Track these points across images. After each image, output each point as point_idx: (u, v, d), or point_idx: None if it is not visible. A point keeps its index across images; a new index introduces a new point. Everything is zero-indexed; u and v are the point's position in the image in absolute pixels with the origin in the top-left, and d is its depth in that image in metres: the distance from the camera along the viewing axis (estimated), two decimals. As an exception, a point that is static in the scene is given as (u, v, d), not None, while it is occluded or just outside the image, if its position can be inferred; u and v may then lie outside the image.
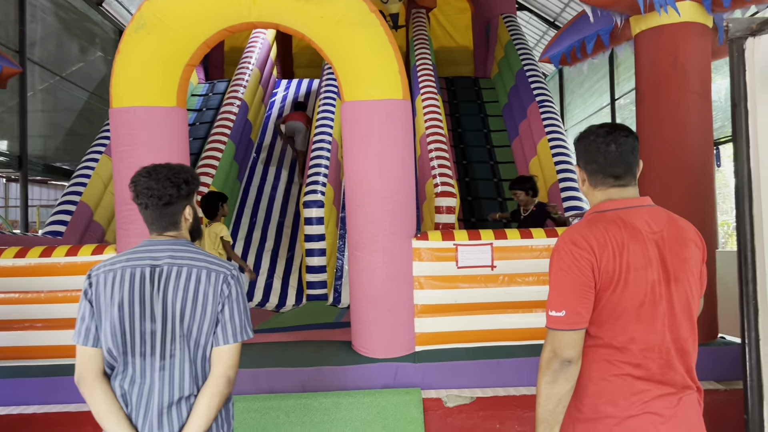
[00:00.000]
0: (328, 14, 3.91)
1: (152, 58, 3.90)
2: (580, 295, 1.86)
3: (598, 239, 1.88)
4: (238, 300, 2.06)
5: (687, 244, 1.96)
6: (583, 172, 2.06)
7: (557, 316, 1.87)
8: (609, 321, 1.89)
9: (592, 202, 2.05)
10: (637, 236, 1.90)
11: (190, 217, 2.17)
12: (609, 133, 1.99)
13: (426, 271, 4.17)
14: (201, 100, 10.57)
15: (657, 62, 4.20)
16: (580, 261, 1.86)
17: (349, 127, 4.10)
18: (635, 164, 2.02)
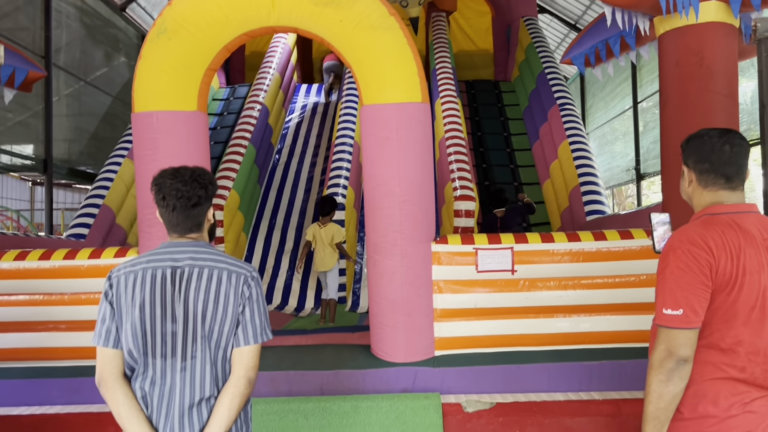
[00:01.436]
0: (347, 18, 3.91)
1: (174, 63, 3.94)
2: (698, 294, 1.88)
3: (716, 241, 1.90)
4: (258, 301, 2.06)
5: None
6: (692, 173, 2.07)
7: (674, 315, 1.88)
8: (719, 323, 1.91)
9: (699, 204, 2.07)
10: (751, 241, 1.92)
11: (212, 218, 2.20)
12: (723, 134, 2.03)
13: (445, 275, 4.14)
14: (222, 105, 10.67)
15: (682, 63, 4.13)
16: (700, 260, 1.88)
17: (368, 130, 4.09)
18: (746, 169, 2.04)
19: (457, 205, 6.78)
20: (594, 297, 4.10)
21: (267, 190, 8.81)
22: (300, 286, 7.23)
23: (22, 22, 8.47)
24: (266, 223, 8.25)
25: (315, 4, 3.92)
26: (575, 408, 3.73)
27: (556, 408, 3.73)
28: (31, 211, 17.01)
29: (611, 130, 14.07)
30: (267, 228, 8.18)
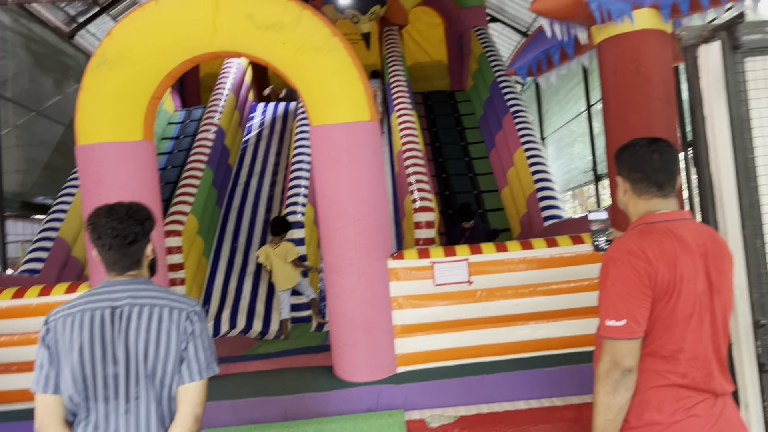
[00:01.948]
0: (290, 41, 3.92)
1: (116, 93, 3.89)
2: (639, 303, 1.91)
3: (653, 250, 1.93)
4: (202, 336, 2.04)
5: (724, 259, 2.04)
6: (626, 182, 2.12)
7: (617, 326, 1.91)
8: (660, 330, 1.94)
9: (635, 213, 2.12)
10: (686, 248, 1.96)
11: (152, 253, 2.17)
12: (652, 143, 2.09)
13: (404, 290, 4.16)
14: (178, 128, 10.55)
15: (620, 70, 4.23)
16: (639, 270, 1.91)
17: (318, 150, 4.09)
18: (677, 175, 2.10)
19: (417, 217, 6.82)
20: (550, 303, 4.16)
21: (227, 212, 8.72)
22: (264, 308, 7.16)
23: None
24: (228, 246, 8.15)
25: (257, 28, 3.91)
26: (538, 415, 3.77)
27: (519, 417, 3.76)
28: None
29: (569, 133, 14.33)
30: (229, 251, 8.09)
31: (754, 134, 2.57)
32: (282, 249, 6.48)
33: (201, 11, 3.87)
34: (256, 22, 3.88)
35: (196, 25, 3.89)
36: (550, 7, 3.96)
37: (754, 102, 2.57)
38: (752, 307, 2.54)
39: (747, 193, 2.55)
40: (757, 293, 2.53)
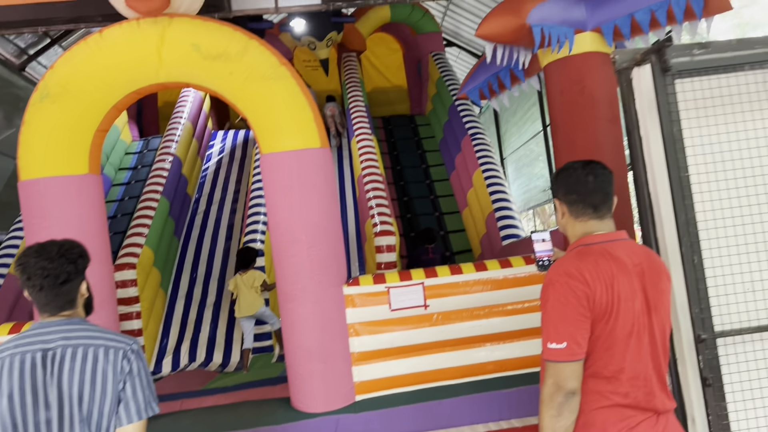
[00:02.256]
0: (237, 70, 3.91)
1: (59, 127, 3.81)
2: (579, 325, 1.92)
3: (591, 272, 1.95)
4: (140, 375, 1.97)
5: (661, 277, 2.07)
6: (563, 205, 2.15)
7: (558, 348, 1.91)
8: (600, 351, 1.95)
9: (573, 234, 2.15)
10: (623, 269, 1.98)
11: (86, 292, 2.11)
12: (586, 165, 2.12)
13: (360, 317, 4.13)
14: (136, 158, 10.39)
15: (565, 92, 4.33)
16: (577, 292, 1.92)
17: (269, 178, 4.07)
18: (611, 196, 2.13)
19: (377, 241, 6.80)
20: (506, 324, 4.18)
21: (186, 242, 8.58)
22: (225, 340, 7.02)
23: None
24: (187, 276, 8.00)
25: (204, 58, 3.89)
26: (496, 438, 3.75)
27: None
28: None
29: (528, 153, 14.55)
30: (188, 281, 7.94)
31: (687, 153, 2.64)
32: (249, 276, 6.41)
33: (146, 43, 3.84)
34: (203, 52, 3.86)
35: (141, 57, 3.86)
36: (495, 32, 4.04)
37: (686, 122, 2.64)
38: (693, 323, 2.58)
39: (683, 210, 2.61)
40: (697, 308, 2.57)
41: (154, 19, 3.86)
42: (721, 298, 2.59)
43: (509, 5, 4.03)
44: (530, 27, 3.91)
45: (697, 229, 2.60)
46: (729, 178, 2.63)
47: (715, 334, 2.56)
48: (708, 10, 3.86)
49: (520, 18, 3.90)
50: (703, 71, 2.67)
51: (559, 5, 4.04)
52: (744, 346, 2.57)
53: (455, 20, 13.98)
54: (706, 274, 2.60)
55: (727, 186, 2.62)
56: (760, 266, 2.59)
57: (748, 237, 2.60)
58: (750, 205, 2.61)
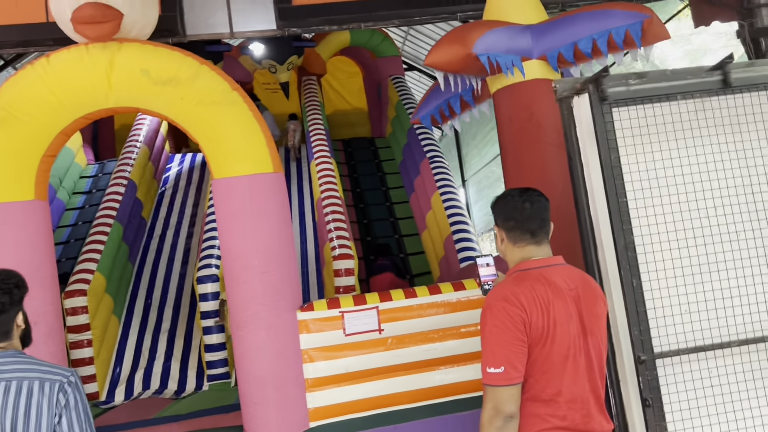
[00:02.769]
0: (187, 95, 3.90)
1: (4, 152, 3.74)
2: (516, 350, 1.95)
3: (527, 296, 1.99)
4: (77, 407, 1.94)
5: (597, 301, 2.13)
6: (502, 231, 2.21)
7: (496, 373, 1.94)
8: (537, 374, 1.99)
9: (512, 260, 2.20)
10: (559, 293, 2.03)
11: (23, 323, 2.07)
12: (523, 193, 2.19)
13: (314, 342, 4.10)
14: (90, 182, 10.20)
15: (514, 118, 4.43)
16: (513, 317, 1.96)
17: (221, 204, 4.04)
18: (548, 222, 2.19)
19: (336, 265, 6.80)
20: (460, 347, 4.20)
21: (141, 267, 8.42)
22: (180, 366, 6.88)
23: None
24: (141, 302, 7.83)
25: (154, 84, 3.87)
26: (451, 462, 3.76)
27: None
28: None
29: (489, 175, 14.75)
30: (143, 308, 7.77)
31: (625, 179, 2.73)
32: None
33: (95, 68, 3.80)
34: (153, 77, 3.84)
35: (90, 82, 3.82)
36: (443, 61, 4.12)
37: (623, 149, 2.74)
38: (633, 344, 2.65)
39: (621, 234, 2.69)
40: (637, 330, 2.64)
41: (103, 44, 3.83)
42: (659, 320, 2.67)
43: (456, 35, 4.13)
44: (476, 56, 4.00)
45: (635, 253, 2.69)
46: (665, 203, 2.73)
47: (655, 355, 2.64)
48: (646, 39, 4.02)
49: (466, 47, 4.00)
50: (638, 100, 2.78)
51: (504, 34, 4.15)
52: (682, 366, 2.65)
53: (415, 44, 14.20)
54: (645, 296, 2.68)
55: (663, 211, 2.73)
56: (695, 288, 2.69)
57: (684, 260, 2.70)
58: (685, 229, 2.71)
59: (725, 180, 2.73)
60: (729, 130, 2.76)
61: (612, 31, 4.05)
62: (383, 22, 5.10)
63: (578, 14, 4.27)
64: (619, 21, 4.05)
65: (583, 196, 2.87)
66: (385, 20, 5.07)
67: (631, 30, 3.99)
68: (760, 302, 2.69)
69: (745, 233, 2.71)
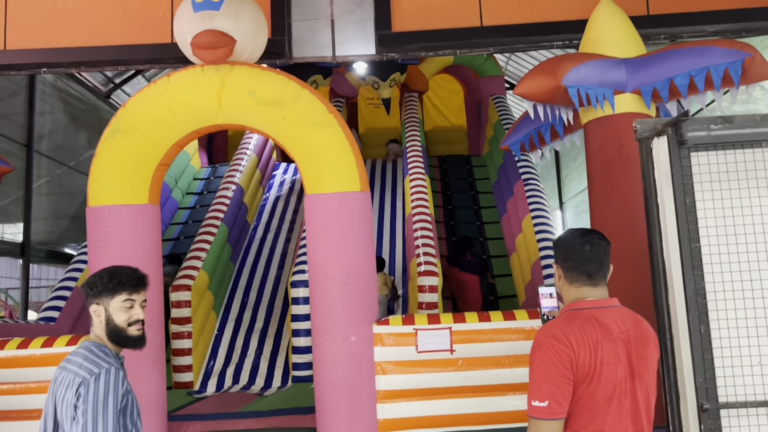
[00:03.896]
0: (288, 116, 4.21)
1: (125, 160, 4.21)
2: (562, 386, 2.03)
3: (576, 336, 2.07)
4: (86, 402, 2.16)
5: (648, 344, 2.17)
6: (560, 269, 2.28)
7: (540, 406, 2.03)
8: (581, 412, 2.06)
9: (567, 298, 2.27)
10: (608, 335, 2.09)
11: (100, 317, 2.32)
12: (584, 235, 2.25)
13: (388, 356, 4.28)
14: (203, 184, 10.98)
15: (603, 149, 4.42)
16: (561, 355, 2.04)
17: (311, 217, 4.32)
18: (606, 265, 2.24)
19: (420, 281, 6.94)
20: (531, 375, 4.22)
21: (241, 267, 8.97)
22: (268, 365, 7.29)
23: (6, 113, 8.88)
24: (239, 301, 8.36)
25: (259, 104, 4.23)
26: (512, 488, 3.79)
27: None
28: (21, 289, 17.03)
29: (587, 199, 14.39)
30: (239, 306, 8.28)
31: (700, 224, 2.70)
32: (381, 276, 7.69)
33: (208, 88, 4.21)
34: (258, 98, 4.19)
35: (203, 100, 4.23)
36: (533, 91, 4.20)
37: (700, 194, 2.72)
38: (697, 392, 2.62)
39: (692, 279, 2.67)
40: (701, 378, 2.61)
41: (217, 66, 4.23)
42: (727, 369, 2.62)
43: (547, 66, 4.19)
44: (566, 88, 4.05)
45: (705, 299, 2.66)
46: (741, 252, 2.68)
47: (720, 405, 2.59)
48: (747, 78, 3.90)
49: (557, 79, 4.05)
50: (719, 146, 2.75)
51: (597, 67, 4.17)
52: (748, 419, 2.58)
53: (520, 65, 14.13)
54: (714, 344, 2.64)
55: (738, 259, 2.67)
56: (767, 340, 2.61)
57: (757, 311, 2.64)
58: (760, 279, 2.65)
59: (810, 232, 2.64)
60: (817, 181, 2.66)
61: (711, 68, 3.97)
62: (479, 49, 5.23)
63: (677, 50, 4.20)
64: (718, 58, 3.96)
65: (658, 238, 2.86)
66: (481, 47, 5.20)
67: (731, 68, 3.88)
68: (842, 362, 2.57)
69: (828, 288, 2.60)
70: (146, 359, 4.24)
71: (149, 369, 4.28)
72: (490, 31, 5.11)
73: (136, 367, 4.17)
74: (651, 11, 5.13)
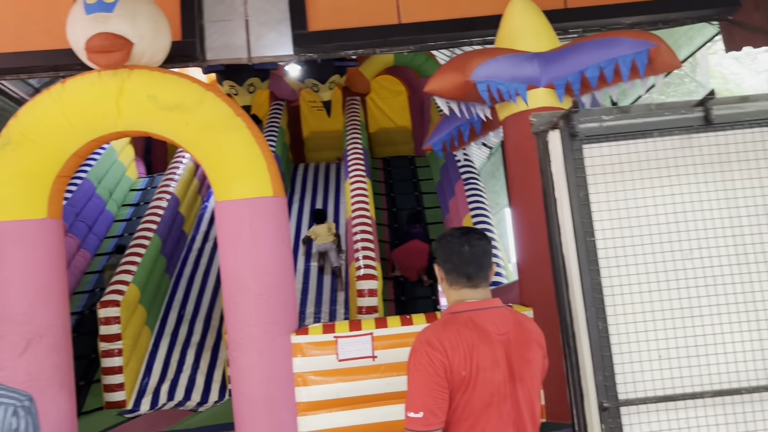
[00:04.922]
0: (192, 121, 4.03)
1: (19, 173, 3.96)
2: (436, 395, 1.92)
3: (451, 341, 1.96)
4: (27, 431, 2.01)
5: (531, 346, 2.07)
6: (441, 271, 2.17)
7: (416, 418, 1.92)
8: (459, 420, 1.96)
9: (449, 300, 2.18)
10: (486, 338, 1.99)
11: None
12: (463, 235, 2.14)
13: (308, 366, 4.12)
14: (140, 195, 10.66)
15: (520, 146, 4.36)
16: (435, 362, 1.93)
17: (222, 225, 4.15)
18: (488, 266, 2.14)
19: (360, 285, 6.84)
20: (455, 378, 4.13)
21: (178, 279, 8.71)
22: (204, 380, 7.06)
23: None
24: (175, 314, 8.10)
25: (160, 109, 4.03)
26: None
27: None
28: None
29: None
30: (176, 319, 8.03)
31: (594, 218, 2.63)
32: (325, 225, 8.56)
33: (106, 94, 3.99)
34: (159, 103, 4.00)
35: (101, 107, 4.01)
36: (444, 88, 4.11)
37: (594, 187, 2.65)
38: (597, 390, 2.54)
39: (588, 275, 2.60)
40: (601, 376, 2.53)
41: (114, 71, 4.02)
42: (626, 365, 2.55)
43: (456, 62, 4.11)
44: (475, 83, 3.97)
45: (602, 295, 2.59)
46: (636, 244, 2.62)
47: (619, 402, 2.52)
48: (654, 69, 3.88)
49: (465, 75, 3.97)
50: (611, 137, 2.68)
51: (508, 62, 4.11)
52: (649, 415, 2.52)
53: (463, 64, 14.19)
54: (612, 340, 2.57)
55: (634, 252, 2.61)
56: (666, 334, 2.56)
57: (654, 304, 2.58)
58: (657, 272, 2.59)
59: (703, 221, 2.59)
60: (709, 169, 2.62)
61: (619, 59, 3.94)
62: (398, 47, 5.12)
63: (586, 42, 4.18)
64: (626, 49, 3.94)
65: (556, 233, 2.78)
66: (400, 45, 5.09)
67: (638, 59, 3.86)
68: (738, 351, 2.52)
69: (724, 278, 2.56)
70: (51, 383, 4.00)
71: (55, 394, 4.03)
72: (409, 28, 5.02)
73: (41, 392, 3.93)
74: (568, 4, 5.10)
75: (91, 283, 8.52)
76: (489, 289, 2.15)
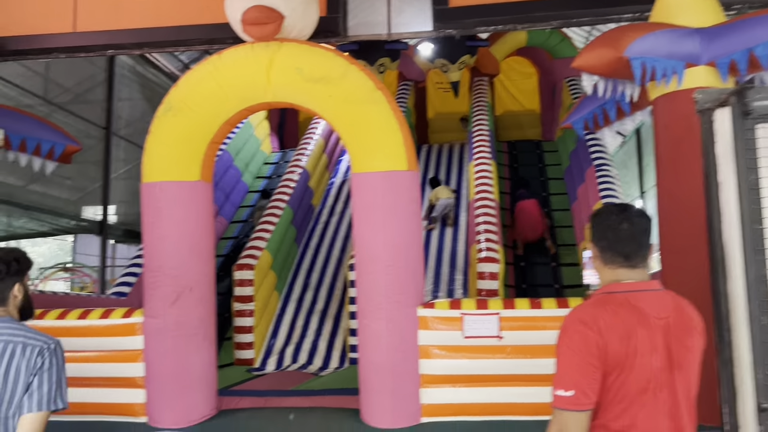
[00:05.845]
0: (335, 93, 4.15)
1: (177, 137, 4.28)
2: (588, 375, 1.86)
3: (606, 321, 1.89)
4: (50, 370, 2.16)
5: (692, 333, 1.96)
6: (595, 248, 2.09)
7: (565, 396, 1.86)
8: (611, 404, 1.89)
9: (602, 280, 2.08)
10: (644, 321, 1.90)
11: (20, 294, 2.31)
12: (622, 211, 2.03)
13: (433, 340, 4.16)
14: (272, 168, 11.19)
15: (671, 126, 4.09)
16: (589, 341, 1.87)
17: (357, 197, 4.26)
18: (646, 246, 2.03)
19: (480, 267, 6.78)
20: (584, 366, 3.99)
21: (305, 249, 9.07)
22: (326, 346, 7.34)
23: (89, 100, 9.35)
24: (301, 282, 8.46)
25: (306, 81, 4.18)
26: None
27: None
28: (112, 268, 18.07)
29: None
30: (301, 287, 8.39)
31: (763, 204, 2.42)
32: (443, 187, 9.15)
33: (257, 65, 4.20)
34: (305, 75, 4.15)
35: (252, 78, 4.23)
36: (592, 64, 3.93)
37: (765, 170, 2.43)
38: (756, 390, 2.35)
39: (754, 265, 2.40)
40: (762, 374, 2.34)
41: (266, 43, 4.22)
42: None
43: (608, 36, 3.90)
44: (629, 60, 3.75)
45: (767, 288, 2.38)
46: (812, 235, 2.37)
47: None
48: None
49: (618, 51, 3.76)
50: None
51: (666, 37, 3.84)
52: (815, 423, 2.30)
53: (599, 46, 13.52)
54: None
55: (809, 243, 2.37)
56: (843, 336, 2.31)
57: (830, 302, 2.33)
58: (835, 267, 2.34)
59: None
60: None
61: (795, 35, 3.56)
62: (541, 23, 4.95)
63: (757, 17, 3.82)
64: (806, 24, 3.55)
65: (717, 219, 2.59)
66: (543, 21, 4.92)
67: (818, 35, 3.48)
68: None
69: None
70: (197, 333, 4.32)
71: (200, 343, 4.35)
72: (552, 3, 4.83)
73: (188, 340, 4.28)
74: (732, -24, 4.68)
75: (226, 248, 9.08)
76: (647, 271, 2.03)
